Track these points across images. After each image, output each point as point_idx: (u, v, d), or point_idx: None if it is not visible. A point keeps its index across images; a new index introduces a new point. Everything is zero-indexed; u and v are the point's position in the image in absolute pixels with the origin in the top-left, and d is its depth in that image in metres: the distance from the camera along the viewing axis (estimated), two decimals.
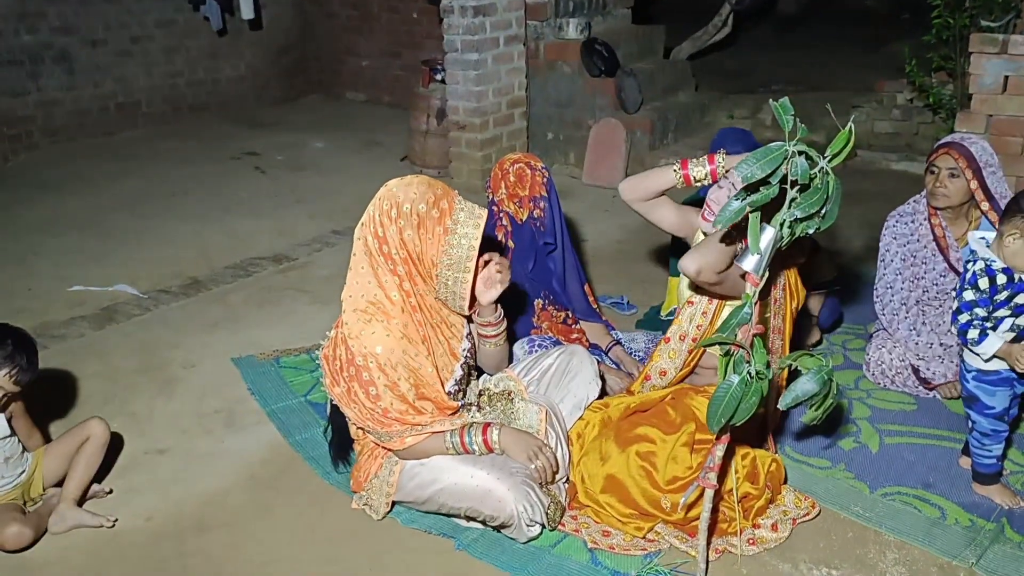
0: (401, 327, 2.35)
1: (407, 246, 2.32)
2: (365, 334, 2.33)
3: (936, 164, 3.02)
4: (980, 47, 3.95)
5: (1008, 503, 2.58)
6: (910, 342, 3.18)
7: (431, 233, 2.31)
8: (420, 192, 2.33)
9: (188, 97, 7.75)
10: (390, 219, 2.31)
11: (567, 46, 6.12)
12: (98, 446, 2.65)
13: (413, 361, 2.38)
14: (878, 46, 8.77)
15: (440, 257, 2.32)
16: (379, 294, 2.35)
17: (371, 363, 2.32)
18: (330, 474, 2.80)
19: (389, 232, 2.31)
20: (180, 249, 4.81)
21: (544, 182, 3.16)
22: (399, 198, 2.32)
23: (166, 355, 3.63)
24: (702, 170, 2.61)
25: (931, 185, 3.05)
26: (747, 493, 2.47)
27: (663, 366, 2.78)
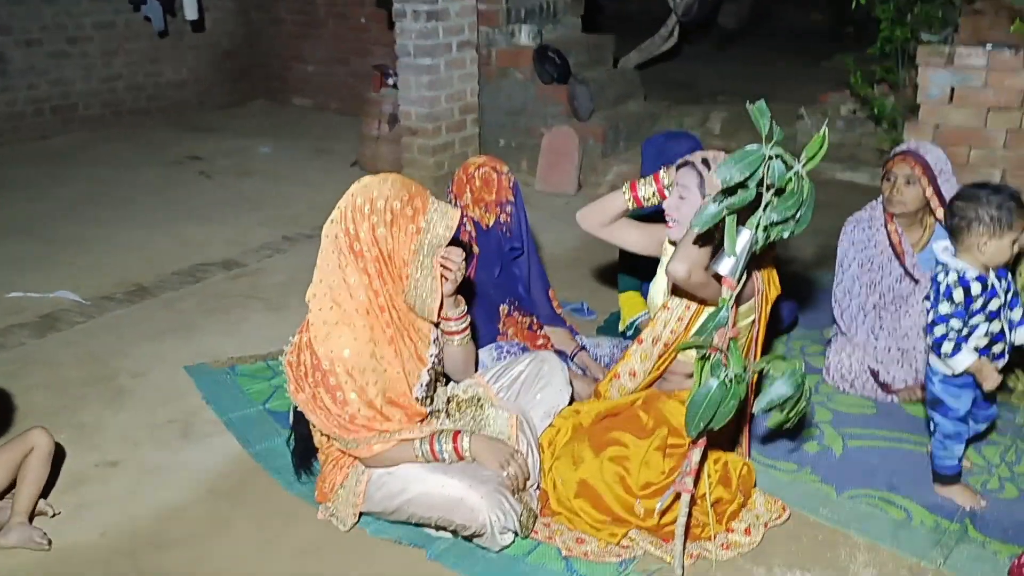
0: (368, 330, 2.30)
1: (379, 244, 2.27)
2: (332, 337, 2.27)
3: (892, 171, 3.08)
4: (927, 59, 4.05)
5: (970, 503, 2.62)
6: (868, 346, 3.24)
7: (403, 231, 2.27)
8: (395, 190, 2.29)
9: (127, 101, 7.53)
10: (363, 215, 2.27)
11: (519, 53, 6.12)
12: (43, 456, 2.53)
13: (380, 364, 2.32)
14: (818, 60, 8.98)
15: (411, 257, 2.27)
16: (345, 295, 2.29)
17: (338, 367, 2.27)
18: (293, 484, 2.71)
19: (361, 228, 2.26)
20: (125, 255, 4.65)
21: (511, 186, 3.13)
22: (373, 194, 2.28)
23: (114, 364, 3.49)
24: (650, 189, 2.71)
25: (888, 192, 3.11)
26: (720, 498, 2.47)
27: (634, 367, 2.76)
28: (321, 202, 5.66)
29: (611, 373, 2.82)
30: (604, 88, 6.43)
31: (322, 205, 5.64)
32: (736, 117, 6.94)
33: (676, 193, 2.57)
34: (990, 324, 2.52)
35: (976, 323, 2.52)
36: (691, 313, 2.62)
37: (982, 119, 3.98)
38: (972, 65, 3.94)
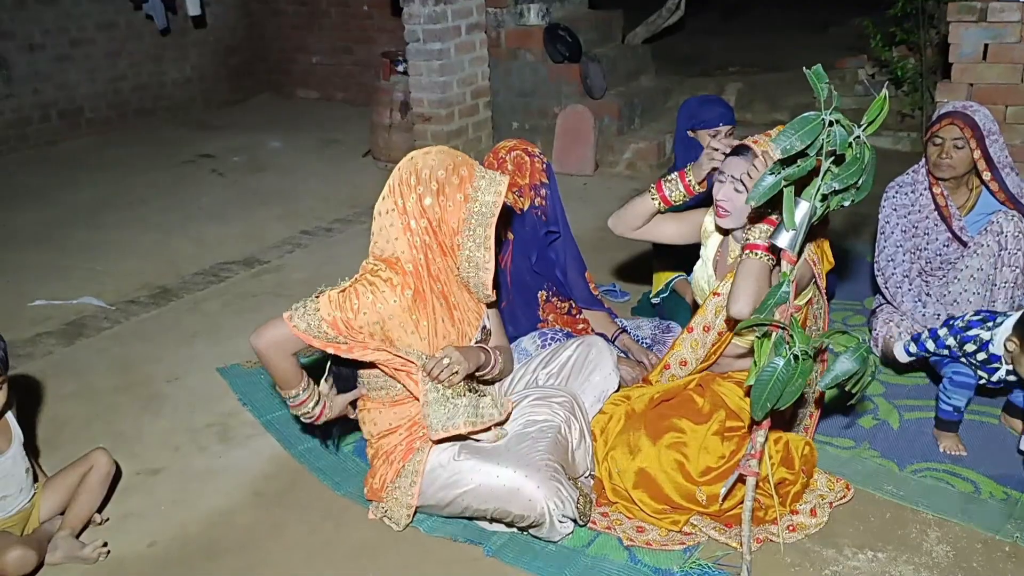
0: (412, 301, 2.25)
1: (427, 214, 2.23)
2: (376, 294, 2.24)
3: (940, 135, 2.99)
4: (958, 16, 3.93)
5: (950, 450, 2.67)
6: (916, 313, 3.15)
7: (451, 200, 2.22)
8: (439, 159, 2.25)
9: (133, 102, 7.45)
10: (409, 187, 2.24)
11: (529, 33, 6.02)
12: (101, 476, 2.48)
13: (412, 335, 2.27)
14: (826, 26, 8.85)
15: (462, 226, 2.22)
16: (397, 268, 2.27)
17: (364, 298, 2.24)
18: (340, 485, 2.65)
19: (409, 200, 2.23)
20: (144, 258, 4.58)
21: (543, 168, 3.04)
22: (418, 165, 2.25)
23: (146, 369, 3.43)
24: (677, 189, 2.66)
25: (935, 156, 3.01)
26: (783, 479, 2.40)
27: (684, 356, 2.69)
28: (335, 194, 5.62)
29: (661, 363, 2.75)
30: (615, 64, 6.33)
31: (336, 197, 5.65)
32: (750, 88, 6.85)
33: (729, 184, 2.46)
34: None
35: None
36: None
37: (1018, 75, 3.86)
38: (1006, 20, 3.82)
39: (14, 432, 2.42)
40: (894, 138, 5.76)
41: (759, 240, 2.33)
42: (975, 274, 3.01)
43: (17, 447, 2.41)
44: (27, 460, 2.45)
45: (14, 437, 2.41)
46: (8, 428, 2.41)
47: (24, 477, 2.42)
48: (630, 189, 5.48)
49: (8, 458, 2.38)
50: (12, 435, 2.41)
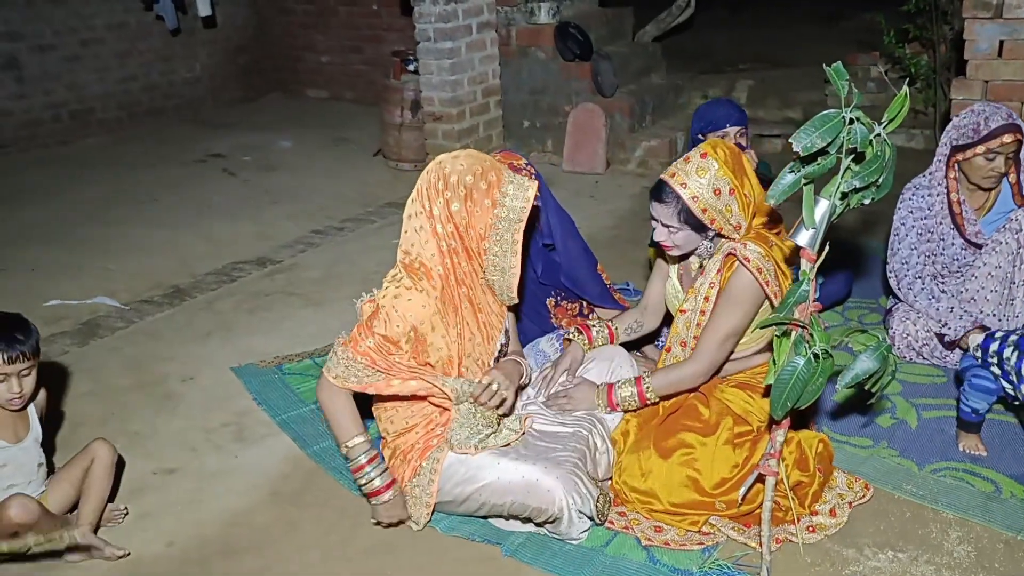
0: (439, 305, 2.26)
1: (454, 219, 2.23)
2: (401, 298, 2.25)
3: (997, 150, 2.89)
4: (973, 12, 3.91)
5: (970, 449, 2.64)
6: (931, 310, 3.12)
7: (478, 205, 2.21)
8: (468, 164, 2.24)
9: (143, 101, 7.46)
10: (437, 192, 2.24)
11: (539, 31, 6.00)
12: (105, 467, 2.46)
13: (438, 341, 2.28)
14: (836, 21, 8.81)
15: (489, 231, 2.21)
16: (423, 271, 2.28)
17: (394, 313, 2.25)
18: None
19: (436, 205, 2.24)
20: (157, 257, 4.59)
21: (533, 177, 2.99)
22: (446, 170, 2.25)
23: (160, 369, 3.43)
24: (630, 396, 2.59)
25: (986, 170, 2.94)
26: (799, 481, 2.39)
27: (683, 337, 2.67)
28: (346, 193, 5.61)
29: (664, 349, 2.74)
30: (626, 62, 6.31)
31: (349, 196, 5.65)
32: (761, 84, 6.82)
33: (661, 228, 2.49)
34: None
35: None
36: (707, 315, 2.52)
37: None
38: (1022, 16, 3.80)
39: (32, 425, 2.43)
40: (907, 135, 5.73)
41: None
42: (993, 271, 2.99)
43: (32, 441, 2.42)
44: (42, 456, 2.45)
45: (31, 430, 2.42)
46: (27, 419, 2.43)
47: (35, 470, 2.42)
48: (641, 187, 5.47)
49: (21, 449, 2.39)
50: (30, 427, 2.42)
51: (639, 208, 5.06)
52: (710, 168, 2.40)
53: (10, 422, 2.39)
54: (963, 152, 2.95)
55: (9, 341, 2.30)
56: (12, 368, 2.30)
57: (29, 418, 2.44)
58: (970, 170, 2.97)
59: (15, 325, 2.35)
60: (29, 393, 2.37)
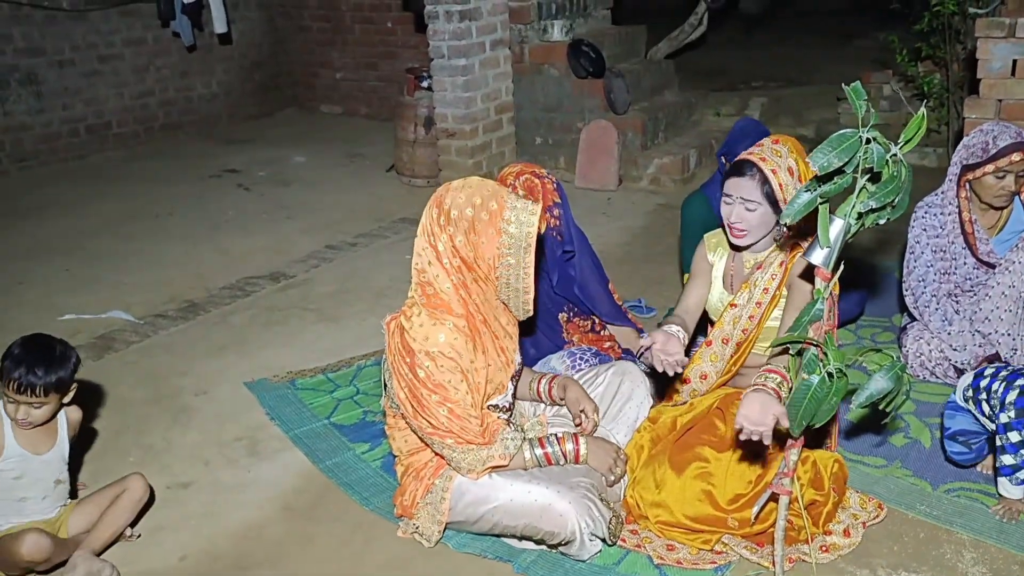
0: (464, 332, 2.25)
1: (459, 252, 2.21)
2: (430, 338, 2.22)
3: (1007, 169, 2.89)
4: (987, 31, 3.92)
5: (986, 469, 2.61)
6: (943, 333, 3.12)
7: (483, 236, 2.20)
8: (467, 196, 2.23)
9: (160, 116, 7.53)
10: (440, 227, 2.23)
11: (552, 48, 6.04)
12: (133, 501, 2.48)
13: (472, 366, 2.27)
14: (849, 39, 8.82)
15: (497, 260, 2.21)
16: (440, 304, 2.26)
17: (439, 362, 2.21)
18: (369, 500, 2.66)
19: (440, 241, 2.23)
20: (172, 271, 4.62)
21: (555, 188, 3.02)
22: (447, 204, 2.23)
23: (175, 383, 3.45)
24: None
25: (996, 188, 2.93)
26: (813, 500, 2.37)
27: (704, 370, 2.69)
28: (359, 209, 5.65)
29: (681, 378, 2.74)
30: (639, 79, 6.34)
31: (361, 212, 5.68)
32: (775, 102, 6.83)
33: (739, 205, 2.47)
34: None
35: None
36: (761, 310, 2.53)
37: None
38: None
39: (60, 441, 2.44)
40: (920, 153, 5.72)
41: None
42: (1007, 291, 2.98)
43: (55, 456, 2.43)
44: (64, 474, 2.47)
45: (57, 446, 2.43)
46: (54, 434, 2.43)
47: (51, 487, 2.43)
48: (654, 204, 5.49)
49: (42, 462, 2.40)
50: (57, 443, 2.43)
51: (651, 225, 5.08)
52: (783, 150, 2.48)
53: (32, 432, 2.39)
54: (973, 171, 2.95)
55: (28, 371, 2.29)
56: (21, 398, 2.30)
57: (58, 433, 2.44)
58: (981, 189, 2.97)
59: (43, 358, 2.33)
60: (39, 421, 2.36)
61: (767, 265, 2.55)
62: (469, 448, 2.27)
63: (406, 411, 2.29)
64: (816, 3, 11.42)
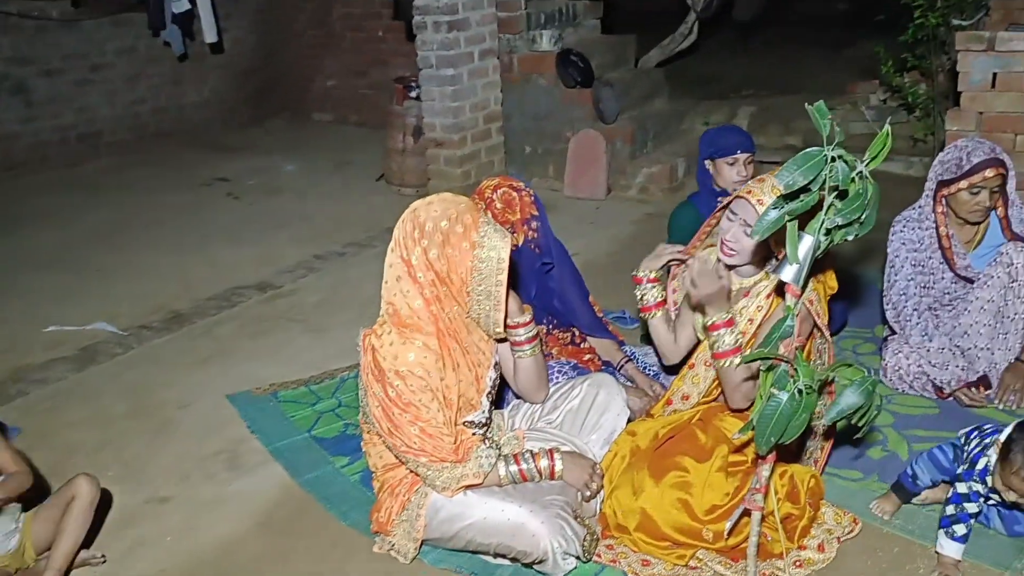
0: (436, 351, 2.25)
1: (433, 266, 2.22)
2: (400, 357, 2.22)
3: (981, 185, 2.90)
4: (967, 45, 3.94)
5: (879, 511, 2.55)
6: (923, 348, 3.13)
7: (457, 249, 2.21)
8: (441, 209, 2.24)
9: (152, 125, 7.55)
10: (414, 240, 2.23)
11: (542, 58, 6.06)
12: (84, 506, 2.39)
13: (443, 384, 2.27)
14: (838, 49, 8.85)
15: (471, 274, 2.22)
16: (412, 321, 2.25)
17: (409, 382, 2.21)
18: (347, 514, 2.66)
19: (414, 254, 2.22)
20: (159, 282, 4.63)
21: (532, 201, 3.02)
22: (421, 218, 2.24)
23: (157, 396, 3.46)
24: (649, 293, 2.73)
25: (972, 204, 2.94)
26: (789, 514, 2.38)
27: (686, 391, 2.70)
28: (349, 217, 5.66)
29: (663, 399, 2.76)
30: (629, 88, 6.36)
31: (350, 221, 5.69)
32: (764, 111, 6.85)
33: (739, 226, 2.47)
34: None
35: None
36: (746, 339, 2.53)
37: None
38: (1014, 49, 3.83)
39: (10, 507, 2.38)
40: (906, 163, 5.74)
41: (724, 348, 2.41)
42: (985, 306, 3.00)
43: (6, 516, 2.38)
44: (17, 522, 2.40)
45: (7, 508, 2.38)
46: None
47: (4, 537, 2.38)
48: (643, 213, 5.50)
49: None
50: None
51: (640, 234, 5.09)
52: None
53: None
54: (948, 187, 2.97)
55: None
56: None
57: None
58: (956, 204, 2.99)
59: None
60: None
61: (753, 294, 2.55)
62: (443, 466, 2.28)
63: (380, 429, 2.30)
64: (807, 13, 11.47)
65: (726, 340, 2.42)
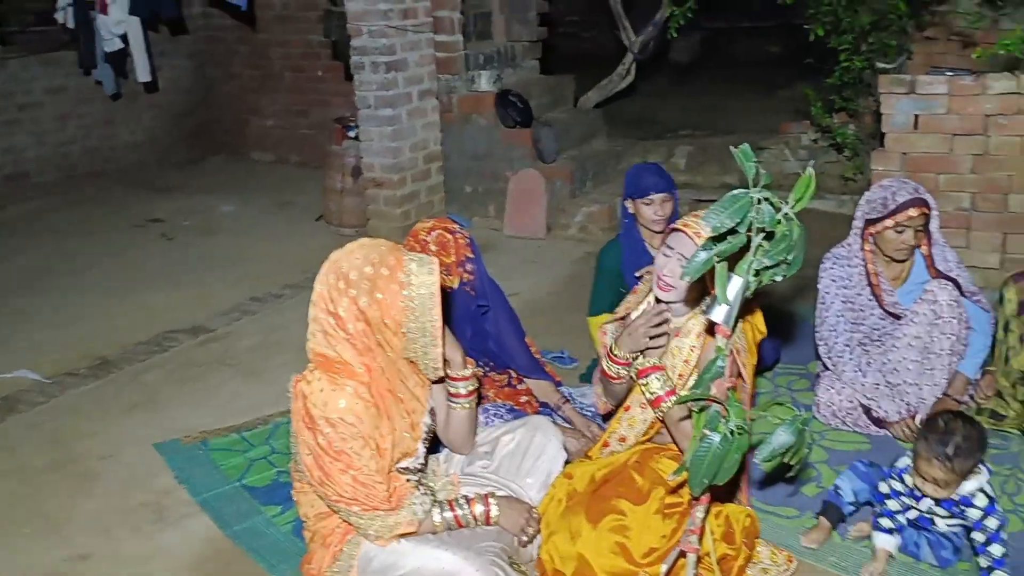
0: (367, 400, 2.19)
1: (366, 314, 2.16)
2: (330, 404, 2.15)
3: (905, 224, 2.98)
4: (889, 87, 4.07)
5: (811, 542, 2.60)
6: (856, 383, 3.17)
7: (387, 292, 2.16)
8: (363, 255, 2.18)
9: (82, 165, 7.40)
10: (340, 292, 2.16)
11: (481, 99, 6.09)
12: None
13: (376, 432, 2.21)
14: (773, 90, 9.09)
15: (404, 314, 2.17)
16: (341, 370, 2.19)
17: (340, 429, 2.14)
18: (277, 567, 2.58)
19: (341, 306, 2.16)
20: (86, 327, 4.49)
21: (467, 243, 3.01)
22: (343, 268, 2.17)
23: (79, 446, 3.33)
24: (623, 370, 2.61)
25: (897, 242, 3.02)
26: (725, 554, 2.38)
27: (623, 433, 2.69)
28: (288, 258, 5.58)
29: (601, 441, 2.74)
30: (568, 128, 6.43)
31: (289, 262, 5.61)
32: (701, 151, 6.97)
33: (676, 261, 2.48)
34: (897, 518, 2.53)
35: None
36: (684, 381, 2.53)
37: (948, 145, 3.99)
38: (934, 92, 3.96)
39: None
40: (838, 202, 5.88)
41: (657, 393, 2.44)
42: (912, 342, 3.06)
43: None
44: None
45: None
46: None
47: None
48: (583, 252, 5.52)
49: None
50: None
51: (579, 273, 5.10)
52: None
53: None
54: (875, 225, 3.04)
55: None
56: None
57: None
58: (882, 243, 3.06)
59: None
60: None
61: (684, 333, 2.56)
62: (376, 515, 2.22)
63: (311, 478, 2.24)
64: (742, 55, 11.79)
65: (654, 385, 2.43)
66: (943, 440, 2.34)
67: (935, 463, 2.34)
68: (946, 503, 2.43)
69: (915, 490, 2.46)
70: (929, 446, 2.36)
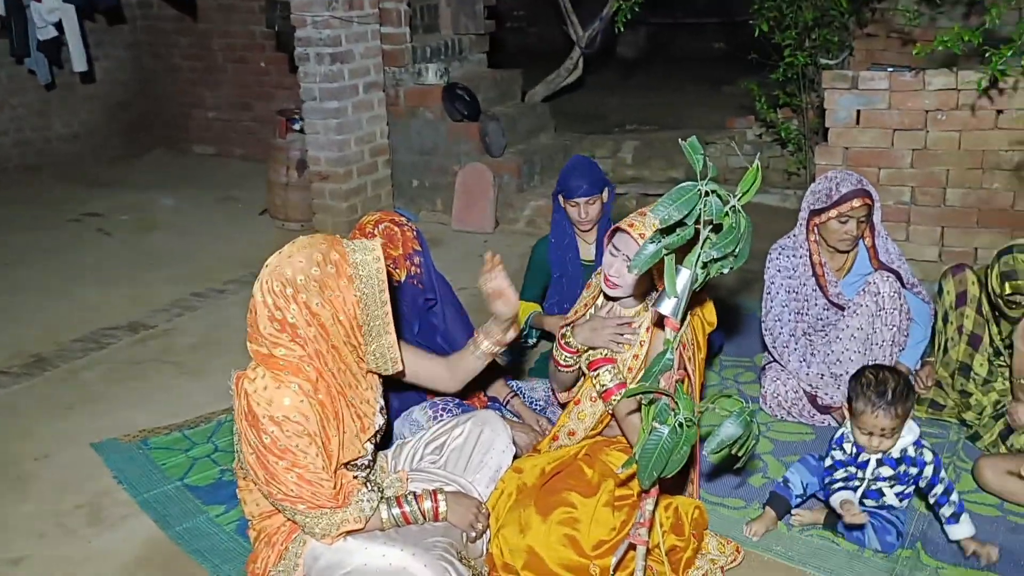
0: (313, 399, 2.13)
1: (318, 317, 2.10)
2: (275, 403, 2.08)
3: (848, 214, 3.03)
4: (832, 83, 4.14)
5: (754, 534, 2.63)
6: (801, 373, 3.22)
7: (337, 289, 2.11)
8: (306, 256, 2.10)
9: (14, 158, 7.14)
10: (287, 299, 2.08)
11: (428, 92, 6.04)
12: None
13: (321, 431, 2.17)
14: (719, 86, 9.19)
15: (358, 308, 2.13)
16: (288, 372, 2.12)
17: (285, 428, 2.08)
18: (220, 568, 2.52)
19: (289, 313, 2.08)
20: (19, 325, 4.34)
21: (414, 236, 2.98)
22: (287, 274, 2.08)
23: (12, 447, 3.21)
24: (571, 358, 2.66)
25: (841, 232, 3.06)
26: (673, 546, 2.38)
27: (572, 427, 2.69)
28: (231, 254, 5.46)
29: (550, 435, 2.74)
30: (515, 122, 6.41)
31: (232, 257, 5.50)
32: (647, 146, 7.02)
33: (622, 261, 2.48)
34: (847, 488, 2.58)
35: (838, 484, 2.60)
36: (633, 375, 2.54)
37: (889, 140, 4.08)
38: (875, 88, 4.04)
39: None
40: (781, 195, 5.97)
41: (607, 385, 2.49)
42: (855, 333, 3.11)
43: None
44: None
45: None
46: None
47: None
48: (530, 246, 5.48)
49: None
50: None
51: None
52: None
53: None
54: (819, 216, 3.09)
55: None
56: None
57: None
58: (826, 233, 3.11)
59: None
60: None
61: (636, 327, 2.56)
62: (322, 513, 2.18)
63: (256, 477, 2.18)
64: (688, 51, 11.91)
65: (605, 378, 2.45)
66: (880, 390, 2.45)
67: (880, 413, 2.43)
68: (888, 460, 2.51)
69: (856, 457, 2.54)
70: (868, 398, 2.46)
